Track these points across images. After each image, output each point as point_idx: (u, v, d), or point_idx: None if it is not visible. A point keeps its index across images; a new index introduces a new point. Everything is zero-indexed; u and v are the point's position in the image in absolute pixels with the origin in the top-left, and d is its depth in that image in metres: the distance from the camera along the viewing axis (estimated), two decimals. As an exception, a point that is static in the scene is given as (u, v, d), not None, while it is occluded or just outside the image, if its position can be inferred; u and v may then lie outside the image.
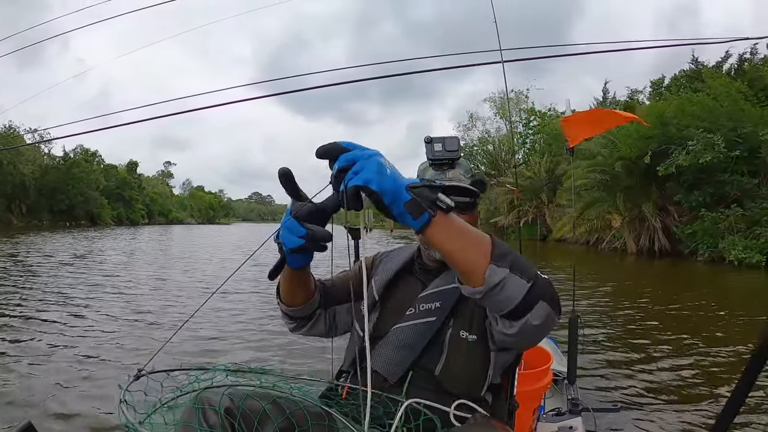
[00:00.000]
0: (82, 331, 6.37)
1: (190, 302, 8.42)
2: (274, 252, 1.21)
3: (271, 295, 2.02)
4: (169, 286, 10.41)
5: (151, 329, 6.57)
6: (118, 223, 69.65)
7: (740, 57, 26.64)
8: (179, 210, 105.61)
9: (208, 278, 11.90)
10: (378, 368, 1.45)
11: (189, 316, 1.65)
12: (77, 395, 4.18)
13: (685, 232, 20.57)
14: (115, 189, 73.43)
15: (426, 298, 1.53)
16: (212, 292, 1.64)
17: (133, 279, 11.41)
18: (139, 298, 8.90)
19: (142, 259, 16.93)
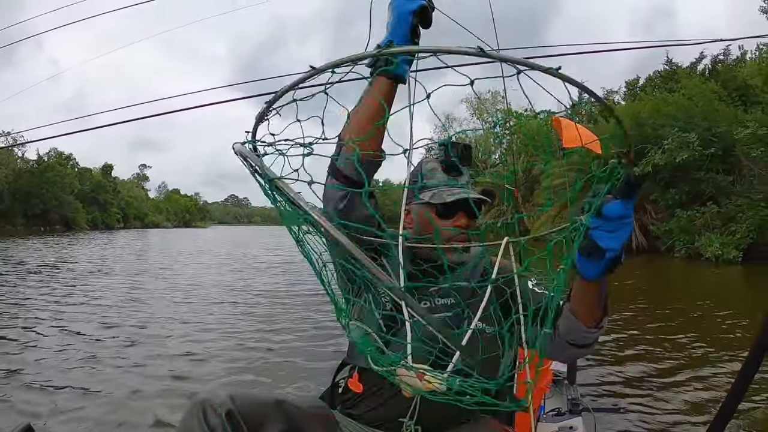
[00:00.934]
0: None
1: (160, 312, 7.96)
2: (255, 256, 1.10)
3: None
4: (142, 297, 9.60)
5: (109, 347, 5.85)
6: (94, 227, 68.41)
7: (714, 58, 27.33)
8: (155, 213, 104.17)
9: (184, 286, 11.30)
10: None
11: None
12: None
13: (662, 229, 20.94)
14: (89, 193, 72.17)
15: (441, 293, 1.53)
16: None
17: (102, 289, 10.66)
18: (106, 309, 8.14)
19: (115, 267, 15.80)
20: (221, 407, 1.19)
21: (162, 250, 24.18)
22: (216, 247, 27.73)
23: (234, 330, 6.74)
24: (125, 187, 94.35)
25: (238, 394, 1.25)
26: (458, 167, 1.53)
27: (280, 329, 6.78)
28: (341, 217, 1.30)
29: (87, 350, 5.60)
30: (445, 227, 1.52)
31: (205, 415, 1.18)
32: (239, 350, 5.79)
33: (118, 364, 5.13)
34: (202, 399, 1.22)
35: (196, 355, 5.51)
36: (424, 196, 1.51)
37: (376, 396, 1.45)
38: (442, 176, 1.54)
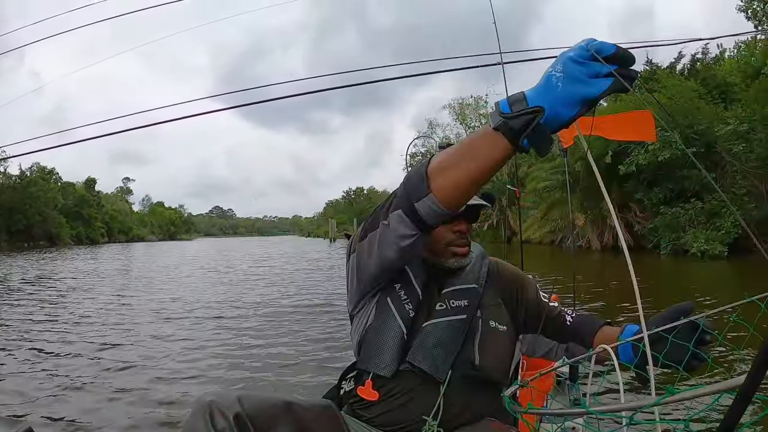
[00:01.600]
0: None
1: (145, 330, 7.68)
2: (238, 269, 1.07)
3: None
4: (125, 314, 9.17)
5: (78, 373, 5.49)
6: (78, 242, 67.73)
7: (693, 57, 27.66)
8: (140, 227, 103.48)
9: (169, 302, 10.84)
10: (425, 367, 1.43)
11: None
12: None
13: (647, 227, 21.19)
14: (73, 207, 71.51)
15: (453, 295, 1.54)
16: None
17: (83, 307, 10.16)
18: (87, 329, 7.80)
19: (98, 284, 15.28)
20: (229, 410, 1.16)
21: (146, 265, 23.61)
22: (202, 261, 27.20)
23: (223, 346, 6.62)
24: (109, 200, 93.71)
25: (246, 396, 1.22)
26: None
27: (272, 343, 6.68)
28: (402, 255, 1.33)
29: (64, 375, 5.33)
30: (445, 232, 1.53)
31: (212, 418, 1.15)
32: (228, 368, 5.69)
33: (98, 390, 4.86)
34: (209, 401, 1.18)
35: (183, 374, 5.35)
36: None
37: (390, 400, 1.44)
38: None
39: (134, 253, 38.42)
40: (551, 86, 0.93)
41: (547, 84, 0.93)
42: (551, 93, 0.93)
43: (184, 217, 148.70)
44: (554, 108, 0.93)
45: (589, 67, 0.90)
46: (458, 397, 1.43)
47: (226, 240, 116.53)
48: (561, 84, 0.91)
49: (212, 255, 32.49)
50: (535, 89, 0.96)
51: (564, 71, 0.91)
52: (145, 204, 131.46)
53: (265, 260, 25.57)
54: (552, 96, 0.93)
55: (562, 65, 0.92)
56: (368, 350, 1.49)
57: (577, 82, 0.90)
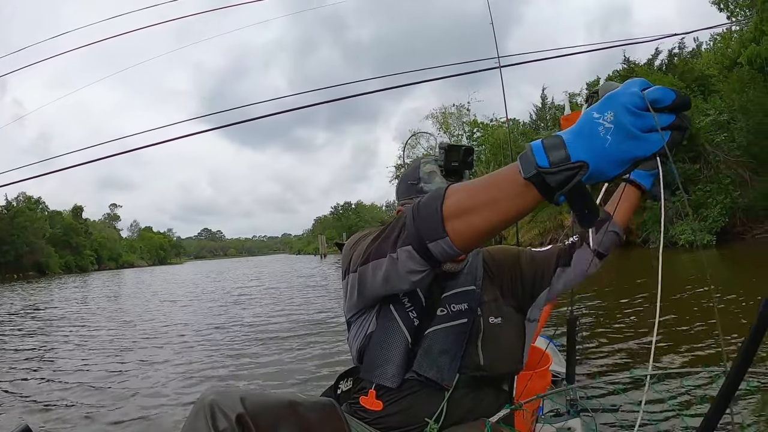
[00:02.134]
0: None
1: (135, 359, 7.26)
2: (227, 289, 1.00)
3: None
4: (116, 346, 8.51)
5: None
6: (67, 271, 67.18)
7: (669, 53, 27.98)
8: (129, 253, 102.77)
9: (161, 330, 10.31)
10: (431, 375, 1.41)
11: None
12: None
13: (635, 222, 21.33)
14: (61, 236, 71.01)
15: (454, 299, 1.52)
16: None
17: (74, 339, 9.51)
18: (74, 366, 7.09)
19: (87, 314, 14.51)
20: (231, 410, 1.12)
21: (136, 293, 23.07)
22: (194, 285, 26.52)
23: (222, 368, 6.48)
24: (97, 228, 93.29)
25: (249, 396, 1.18)
26: (459, 172, 1.48)
27: (271, 362, 6.54)
28: (414, 287, 1.23)
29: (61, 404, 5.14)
30: None
31: (214, 418, 1.11)
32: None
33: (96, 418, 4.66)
34: (210, 400, 1.14)
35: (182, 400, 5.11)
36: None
37: (395, 407, 1.42)
38: (440, 180, 1.49)
39: (125, 280, 37.54)
40: (598, 138, 0.78)
41: (593, 134, 0.79)
42: (598, 147, 0.78)
43: (173, 241, 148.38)
44: (599, 165, 0.79)
45: (645, 120, 0.76)
46: (465, 400, 1.43)
47: (217, 262, 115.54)
48: (611, 138, 0.77)
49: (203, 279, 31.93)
50: (576, 136, 0.81)
51: (614, 122, 0.77)
52: (134, 229, 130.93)
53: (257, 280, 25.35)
54: (598, 151, 0.78)
55: (614, 114, 0.77)
56: (372, 360, 1.45)
57: (630, 139, 0.76)
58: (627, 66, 29.57)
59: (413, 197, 1.50)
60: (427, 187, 1.49)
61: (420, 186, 1.51)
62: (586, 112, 0.80)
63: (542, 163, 0.81)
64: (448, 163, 1.45)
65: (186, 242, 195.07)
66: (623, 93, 0.77)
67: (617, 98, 0.77)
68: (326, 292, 15.30)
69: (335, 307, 10.98)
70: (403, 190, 1.58)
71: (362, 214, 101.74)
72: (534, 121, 44.88)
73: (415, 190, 1.52)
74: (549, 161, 0.81)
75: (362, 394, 1.47)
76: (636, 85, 0.77)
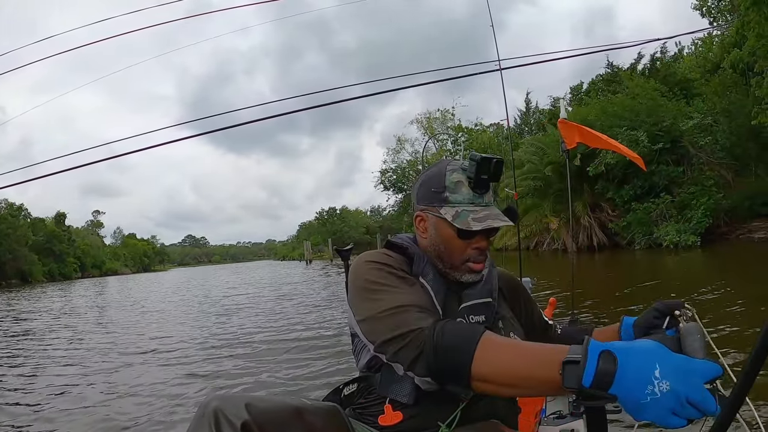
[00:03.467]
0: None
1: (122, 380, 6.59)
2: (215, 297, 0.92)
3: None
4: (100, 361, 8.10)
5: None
6: (51, 279, 66.27)
7: (652, 57, 28.37)
8: (113, 260, 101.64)
9: (148, 342, 9.69)
10: (449, 388, 1.30)
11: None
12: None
13: (620, 225, 21.56)
14: (44, 243, 70.03)
15: (472, 310, 1.47)
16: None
17: (53, 353, 8.98)
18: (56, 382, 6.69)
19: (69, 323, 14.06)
20: (237, 418, 1.06)
21: (121, 301, 22.58)
22: (178, 292, 25.94)
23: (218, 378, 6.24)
24: (80, 235, 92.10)
25: (255, 402, 1.12)
26: (487, 184, 1.43)
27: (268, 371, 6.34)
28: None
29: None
30: (465, 248, 1.43)
31: (218, 426, 1.06)
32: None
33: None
34: (214, 407, 1.08)
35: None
36: (445, 212, 1.40)
37: (411, 418, 1.37)
38: (467, 192, 1.42)
39: (109, 288, 36.59)
40: (641, 392, 0.82)
41: (639, 387, 0.83)
42: (635, 398, 0.83)
43: (156, 248, 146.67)
44: (625, 405, 0.85)
45: (685, 411, 0.82)
46: (479, 405, 1.38)
47: (201, 269, 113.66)
48: (650, 401, 0.82)
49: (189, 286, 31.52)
50: (625, 374, 0.85)
51: (663, 396, 0.81)
52: (117, 236, 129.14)
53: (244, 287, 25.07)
54: (633, 401, 0.83)
55: (669, 388, 0.81)
56: (386, 376, 1.39)
57: (664, 414, 0.81)
58: (610, 70, 29.96)
59: (436, 205, 1.43)
60: (453, 197, 1.42)
61: (445, 195, 1.43)
62: (653, 352, 0.85)
63: (586, 383, 0.87)
64: (478, 175, 1.40)
65: (170, 249, 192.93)
66: (691, 381, 0.81)
67: (684, 382, 0.81)
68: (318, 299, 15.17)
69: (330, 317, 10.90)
70: (424, 196, 1.49)
71: (347, 219, 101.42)
72: (518, 126, 45.23)
73: (439, 198, 1.44)
74: (592, 384, 0.86)
75: (375, 405, 1.42)
76: (706, 377, 0.82)
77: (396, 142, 52.18)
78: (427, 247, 1.48)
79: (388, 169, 53.43)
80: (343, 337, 7.23)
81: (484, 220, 1.37)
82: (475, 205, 1.40)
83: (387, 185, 53.71)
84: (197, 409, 1.11)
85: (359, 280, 1.39)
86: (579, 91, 34.03)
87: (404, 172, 51.14)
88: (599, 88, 29.71)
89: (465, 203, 1.40)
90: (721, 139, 20.26)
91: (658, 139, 20.21)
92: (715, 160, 20.10)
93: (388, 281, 1.35)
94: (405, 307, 1.25)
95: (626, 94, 23.14)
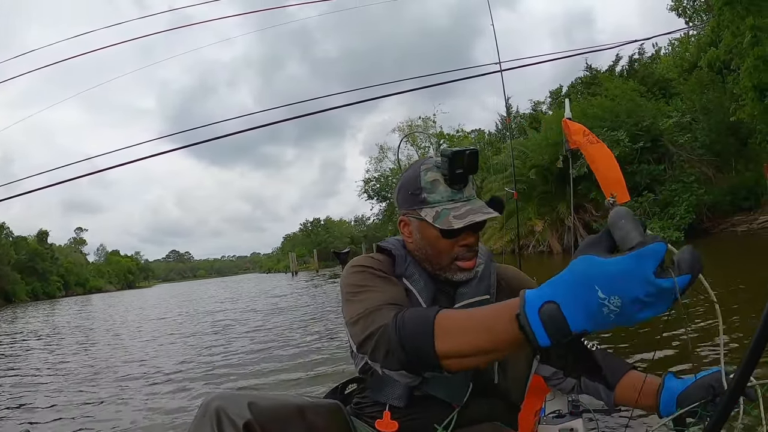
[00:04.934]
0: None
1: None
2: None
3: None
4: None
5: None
6: (34, 298, 65.43)
7: (630, 58, 28.76)
8: (96, 278, 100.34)
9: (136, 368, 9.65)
10: (439, 394, 1.35)
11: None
12: None
13: (603, 225, 21.72)
14: (27, 262, 69.10)
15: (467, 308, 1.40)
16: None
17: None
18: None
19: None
20: (239, 417, 1.06)
21: (105, 321, 21.96)
22: (165, 311, 25.25)
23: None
24: (63, 252, 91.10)
25: (257, 401, 1.12)
26: (464, 178, 1.37)
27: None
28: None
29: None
30: (451, 247, 1.39)
31: (221, 425, 1.05)
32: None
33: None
34: (216, 406, 1.07)
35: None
36: (425, 213, 1.36)
37: (408, 421, 1.36)
38: (444, 189, 1.37)
39: (93, 307, 35.19)
40: (601, 316, 0.77)
41: (596, 313, 0.77)
42: (601, 321, 0.78)
43: (140, 264, 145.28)
44: (597, 327, 0.80)
45: (657, 295, 0.74)
46: (481, 411, 1.38)
47: (187, 284, 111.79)
48: (614, 317, 0.77)
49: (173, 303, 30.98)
50: (575, 304, 0.80)
51: (621, 309, 0.75)
52: (100, 254, 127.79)
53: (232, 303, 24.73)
54: (602, 324, 0.78)
55: (620, 301, 0.75)
56: (377, 380, 1.39)
57: (638, 311, 0.75)
58: (589, 73, 30.28)
59: (416, 208, 1.39)
60: (431, 197, 1.37)
61: (423, 196, 1.39)
62: (585, 275, 0.78)
63: (543, 343, 0.82)
64: (453, 170, 1.34)
65: (154, 265, 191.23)
66: (636, 279, 0.73)
67: (629, 286, 0.74)
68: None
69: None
70: (404, 199, 1.45)
71: (331, 230, 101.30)
72: (500, 131, 45.48)
73: (417, 200, 1.40)
74: (550, 340, 0.82)
75: (372, 406, 1.42)
76: (651, 267, 0.73)
77: (379, 150, 52.21)
78: (414, 250, 1.45)
79: (371, 177, 53.53)
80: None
81: (466, 216, 1.33)
82: (455, 202, 1.36)
83: (371, 194, 53.81)
84: (199, 408, 1.10)
85: (344, 285, 1.38)
86: (558, 94, 34.38)
87: (387, 180, 51.27)
88: (578, 91, 30.01)
89: (444, 201, 1.36)
90: (701, 137, 20.63)
91: (638, 138, 20.49)
92: (696, 157, 20.45)
93: (368, 282, 1.34)
94: (378, 306, 1.22)
95: (606, 96, 23.41)
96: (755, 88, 15.94)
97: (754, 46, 15.12)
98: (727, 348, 4.53)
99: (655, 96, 23.35)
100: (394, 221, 21.49)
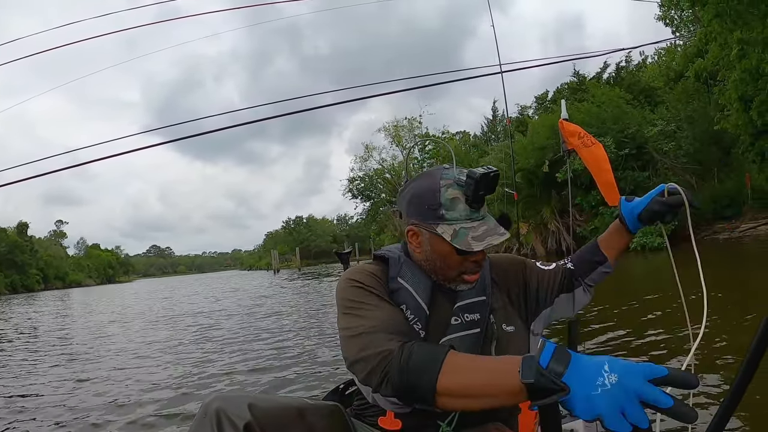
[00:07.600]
0: None
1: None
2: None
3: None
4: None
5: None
6: (13, 290, 64.66)
7: (617, 66, 29.06)
8: (76, 272, 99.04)
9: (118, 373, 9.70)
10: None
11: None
12: None
13: (588, 229, 21.94)
14: (6, 254, 68.15)
15: (467, 308, 1.45)
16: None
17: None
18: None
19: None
20: (240, 418, 1.06)
21: (86, 317, 21.65)
22: (145, 307, 24.92)
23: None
24: (42, 245, 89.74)
25: (257, 403, 1.12)
26: (483, 200, 1.38)
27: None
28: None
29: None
30: (461, 262, 1.40)
31: (221, 427, 1.05)
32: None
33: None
34: (216, 408, 1.08)
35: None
36: (442, 231, 1.35)
37: (410, 419, 1.37)
38: (464, 209, 1.36)
39: (72, 302, 34.42)
40: (591, 386, 0.84)
41: (591, 379, 0.85)
42: (587, 388, 0.85)
43: (121, 258, 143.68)
44: (576, 398, 0.86)
45: (634, 412, 0.81)
46: (478, 415, 1.38)
47: (167, 279, 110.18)
48: (602, 396, 0.83)
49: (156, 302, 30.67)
50: (577, 368, 0.88)
51: (614, 389, 0.83)
52: (80, 247, 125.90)
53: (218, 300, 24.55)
54: (584, 393, 0.85)
55: (618, 380, 0.83)
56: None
57: (611, 411, 0.82)
58: (576, 79, 30.55)
59: (431, 223, 1.37)
60: (449, 214, 1.36)
61: (441, 213, 1.36)
62: (596, 362, 0.86)
63: (543, 363, 0.90)
64: (476, 192, 1.34)
65: (134, 259, 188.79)
66: (637, 377, 0.82)
67: (631, 378, 0.82)
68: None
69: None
70: (417, 211, 1.42)
71: (314, 228, 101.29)
72: (485, 133, 45.68)
73: (434, 216, 1.37)
74: (548, 365, 0.89)
75: (374, 406, 1.41)
76: (649, 377, 0.82)
77: (364, 149, 52.11)
78: (421, 261, 1.45)
79: (356, 177, 53.37)
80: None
81: (484, 237, 1.33)
82: (473, 221, 1.36)
83: (355, 193, 53.51)
84: (199, 409, 1.11)
85: (339, 298, 1.39)
86: (544, 99, 34.64)
87: (372, 180, 51.22)
88: (565, 96, 30.27)
89: (462, 220, 1.35)
90: (685, 145, 20.93)
91: (623, 145, 20.77)
92: (679, 165, 20.73)
93: (363, 299, 1.35)
94: (375, 327, 1.24)
95: (592, 102, 23.65)
96: (740, 99, 16.21)
97: (741, 59, 15.37)
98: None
99: (641, 104, 23.68)
100: (377, 221, 21.75)
